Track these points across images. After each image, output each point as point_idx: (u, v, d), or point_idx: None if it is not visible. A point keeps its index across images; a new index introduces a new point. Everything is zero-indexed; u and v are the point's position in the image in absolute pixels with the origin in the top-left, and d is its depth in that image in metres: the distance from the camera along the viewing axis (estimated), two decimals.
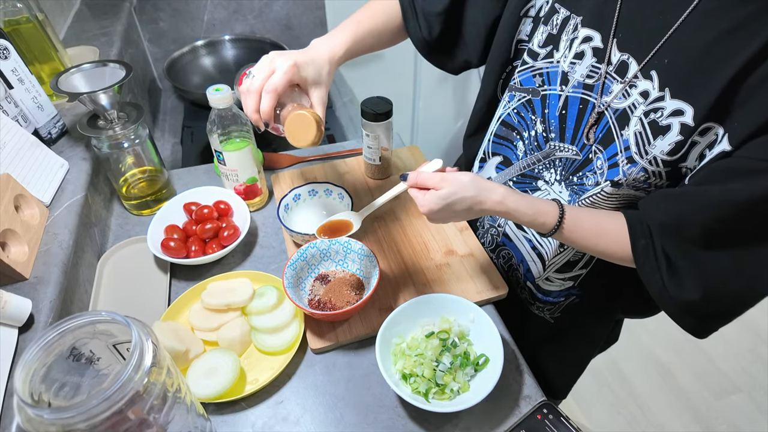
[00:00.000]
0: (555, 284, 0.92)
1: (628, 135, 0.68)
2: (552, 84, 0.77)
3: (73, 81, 0.94)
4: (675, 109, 0.62)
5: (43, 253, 0.81)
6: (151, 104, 1.61)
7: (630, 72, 0.67)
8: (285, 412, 0.76)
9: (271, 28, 1.79)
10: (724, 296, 0.66)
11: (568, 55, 0.73)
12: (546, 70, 0.77)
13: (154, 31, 1.69)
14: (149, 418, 0.52)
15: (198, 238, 0.97)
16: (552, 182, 0.82)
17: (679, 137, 0.63)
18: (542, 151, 0.82)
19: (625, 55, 0.67)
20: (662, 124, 0.64)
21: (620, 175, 0.70)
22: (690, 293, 0.66)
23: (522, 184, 0.88)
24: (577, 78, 0.73)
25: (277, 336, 0.82)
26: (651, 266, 0.69)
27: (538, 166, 0.83)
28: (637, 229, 0.70)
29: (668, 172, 0.67)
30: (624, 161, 0.69)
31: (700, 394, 1.96)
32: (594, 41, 0.70)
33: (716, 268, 0.65)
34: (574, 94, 0.74)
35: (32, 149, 0.92)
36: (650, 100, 0.65)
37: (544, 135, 0.80)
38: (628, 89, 0.67)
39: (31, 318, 0.72)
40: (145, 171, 1.06)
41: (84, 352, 0.56)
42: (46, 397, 0.51)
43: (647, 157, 0.67)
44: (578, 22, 0.72)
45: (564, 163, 0.79)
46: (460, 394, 0.74)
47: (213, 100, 0.91)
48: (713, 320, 0.70)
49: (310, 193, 1.03)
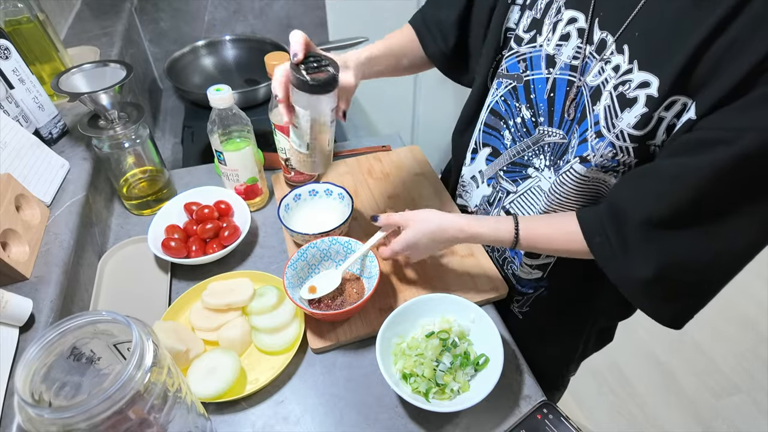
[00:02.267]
0: (524, 270, 0.92)
1: (598, 110, 0.68)
2: (535, 69, 0.77)
3: (74, 81, 0.95)
4: (642, 81, 0.62)
5: (44, 253, 0.82)
6: (151, 104, 1.61)
7: (608, 49, 0.67)
8: (285, 412, 0.76)
9: (272, 28, 1.79)
10: (686, 272, 0.65)
11: (551, 39, 0.74)
12: (529, 55, 0.78)
13: (155, 31, 1.69)
14: (150, 417, 0.52)
15: (198, 238, 0.97)
16: (542, 168, 0.82)
17: (644, 109, 0.62)
18: (531, 137, 0.82)
19: (603, 33, 0.68)
20: (629, 96, 0.64)
21: (588, 151, 0.70)
22: (646, 271, 0.66)
23: (512, 173, 0.88)
24: (564, 60, 0.73)
25: (278, 336, 0.82)
26: (609, 259, 0.70)
27: (528, 153, 0.84)
28: (591, 225, 0.71)
29: (635, 149, 0.66)
30: (593, 136, 0.69)
31: (701, 394, 1.96)
32: (578, 22, 0.71)
33: (678, 245, 0.64)
34: (561, 77, 0.74)
35: (33, 149, 0.92)
36: (620, 73, 0.65)
37: (533, 120, 0.80)
38: (604, 66, 0.68)
39: (32, 318, 0.72)
40: (146, 171, 1.07)
41: (84, 352, 0.56)
42: (47, 397, 0.51)
43: (614, 131, 0.66)
44: (561, 5, 0.72)
45: (552, 148, 0.80)
46: (461, 394, 0.75)
47: (213, 100, 0.91)
48: (684, 300, 0.69)
49: (310, 193, 1.03)
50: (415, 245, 0.81)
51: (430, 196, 1.11)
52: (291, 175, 1.10)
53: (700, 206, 0.61)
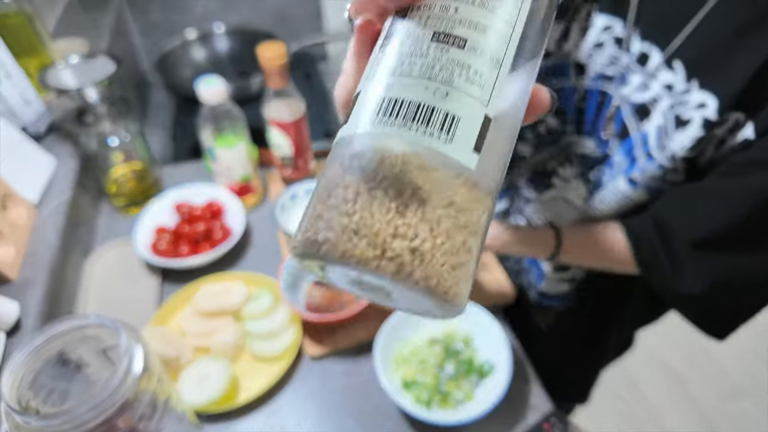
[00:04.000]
0: (551, 284, 0.89)
1: (647, 129, 0.65)
2: (562, 76, 0.73)
3: (61, 75, 0.92)
4: (699, 102, 0.60)
5: (30, 254, 0.79)
6: (141, 99, 1.58)
7: (652, 62, 0.64)
8: (281, 422, 0.74)
9: (266, 19, 1.75)
10: (736, 292, 0.65)
11: (581, 46, 0.70)
12: (553, 62, 0.74)
13: (146, 22, 1.66)
14: (139, 426, 0.51)
15: (189, 238, 0.94)
16: (569, 179, 0.79)
17: (700, 132, 0.60)
18: (557, 146, 0.78)
19: (647, 45, 0.64)
20: (684, 118, 0.61)
21: (636, 171, 0.67)
22: (694, 288, 0.65)
23: (534, 182, 0.84)
24: (596, 69, 0.70)
25: (273, 341, 0.79)
26: (656, 273, 0.68)
27: (552, 162, 0.80)
28: (638, 237, 0.69)
29: (685, 169, 0.64)
30: (642, 156, 0.66)
31: (709, 399, 1.95)
32: (614, 30, 0.67)
33: (728, 265, 0.63)
34: (594, 87, 0.71)
35: (19, 146, 0.89)
36: (675, 93, 0.62)
37: (559, 129, 0.76)
38: (649, 81, 0.64)
39: (19, 321, 0.70)
40: (135, 168, 1.03)
41: (73, 358, 0.54)
42: (35, 404, 0.50)
43: (665, 152, 0.63)
44: (592, 10, 0.68)
45: (581, 159, 0.76)
46: (464, 403, 0.72)
47: (204, 95, 0.88)
48: (731, 316, 0.68)
49: (307, 192, 1.00)
50: None
51: None
52: (288, 173, 1.07)
53: (752, 228, 0.60)
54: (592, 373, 1.10)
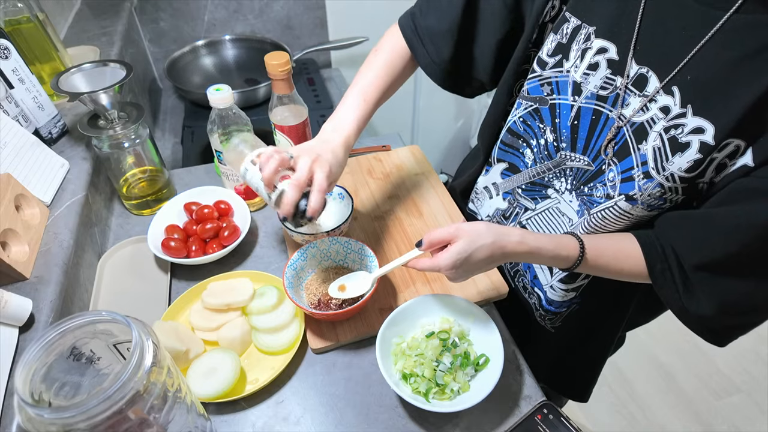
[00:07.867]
0: (558, 294, 0.90)
1: (645, 150, 0.67)
2: (562, 93, 0.75)
3: (73, 81, 0.94)
4: (696, 126, 0.61)
5: (44, 253, 0.82)
6: (151, 104, 1.61)
7: (650, 86, 0.66)
8: (285, 412, 0.76)
9: (272, 28, 1.79)
10: (741, 312, 0.68)
11: (579, 66, 0.72)
12: (555, 80, 0.76)
13: (155, 30, 1.69)
14: (149, 417, 0.52)
15: (198, 237, 0.97)
16: (562, 191, 0.82)
17: (698, 155, 0.62)
18: (553, 160, 0.80)
19: (643, 69, 0.66)
20: (682, 141, 0.63)
21: (635, 190, 0.69)
22: (707, 309, 0.68)
23: (531, 191, 0.87)
24: (590, 89, 0.72)
25: (278, 336, 0.82)
26: (669, 288, 0.70)
27: (548, 174, 0.82)
28: (653, 252, 0.71)
29: (685, 188, 0.66)
30: (640, 176, 0.68)
31: (701, 394, 1.96)
32: (609, 53, 0.69)
33: (734, 287, 0.66)
34: (587, 105, 0.73)
35: (33, 149, 0.92)
36: (671, 116, 0.64)
37: (555, 144, 0.79)
38: (648, 103, 0.66)
39: (32, 318, 0.72)
40: (146, 171, 1.06)
41: (84, 352, 0.56)
42: (47, 397, 0.51)
43: (664, 173, 0.66)
44: (591, 32, 0.70)
45: (575, 173, 0.78)
46: (461, 394, 0.74)
47: (213, 100, 0.91)
48: (732, 331, 0.72)
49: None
50: (466, 260, 0.69)
51: (430, 196, 1.10)
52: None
53: (755, 254, 0.62)
54: (593, 371, 1.12)
